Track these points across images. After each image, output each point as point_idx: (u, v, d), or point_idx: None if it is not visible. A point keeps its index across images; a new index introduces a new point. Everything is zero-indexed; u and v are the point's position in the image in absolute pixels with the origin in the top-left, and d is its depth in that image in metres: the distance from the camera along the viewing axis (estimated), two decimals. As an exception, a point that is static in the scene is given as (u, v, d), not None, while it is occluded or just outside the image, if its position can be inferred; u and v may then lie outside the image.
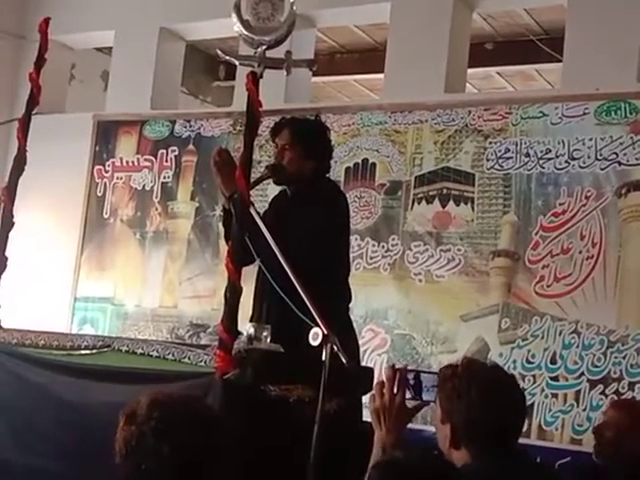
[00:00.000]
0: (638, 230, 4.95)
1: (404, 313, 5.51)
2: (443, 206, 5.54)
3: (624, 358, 4.81)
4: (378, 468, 1.83)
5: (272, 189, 4.26)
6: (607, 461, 3.50)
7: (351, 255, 4.07)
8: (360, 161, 5.88)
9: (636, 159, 4.98)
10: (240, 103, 4.31)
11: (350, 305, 3.77)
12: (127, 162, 6.89)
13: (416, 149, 5.70)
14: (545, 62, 6.99)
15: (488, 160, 5.44)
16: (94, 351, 3.38)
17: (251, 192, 3.20)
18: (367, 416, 2.38)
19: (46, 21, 4.13)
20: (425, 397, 2.26)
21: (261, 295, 3.62)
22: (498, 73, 7.70)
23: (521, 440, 2.22)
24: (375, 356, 5.48)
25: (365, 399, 2.96)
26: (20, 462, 3.31)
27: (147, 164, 6.78)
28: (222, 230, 3.84)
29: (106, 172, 6.95)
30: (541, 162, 5.26)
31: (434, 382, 2.23)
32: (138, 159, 6.83)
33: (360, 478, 2.00)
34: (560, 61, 5.67)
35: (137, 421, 1.95)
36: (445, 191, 5.55)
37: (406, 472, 1.78)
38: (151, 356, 3.19)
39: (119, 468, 1.95)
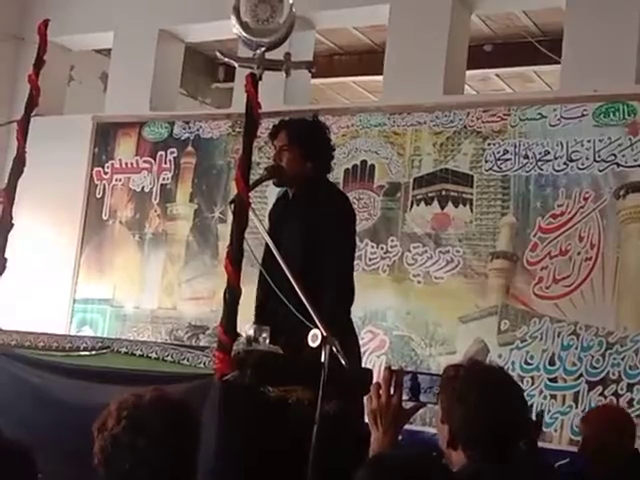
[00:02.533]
0: (636, 231, 4.95)
1: (403, 314, 5.52)
2: (442, 207, 5.54)
3: (622, 359, 4.82)
4: (364, 468, 1.84)
5: (271, 191, 4.26)
6: (603, 469, 3.53)
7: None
8: (359, 163, 5.88)
9: (634, 160, 4.99)
10: (239, 105, 4.32)
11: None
12: (126, 164, 6.89)
13: (415, 151, 5.70)
14: (543, 64, 7.00)
15: (487, 162, 5.44)
16: (93, 352, 3.38)
17: (250, 194, 3.21)
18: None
19: (45, 23, 4.14)
20: (422, 398, 2.25)
21: (263, 297, 3.62)
22: (497, 75, 7.71)
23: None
24: (374, 357, 5.48)
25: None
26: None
27: (146, 166, 6.79)
28: (221, 232, 3.84)
29: (105, 174, 6.95)
30: (539, 164, 5.26)
31: (431, 383, 2.23)
32: (137, 161, 6.84)
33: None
34: (558, 63, 5.67)
35: (109, 426, 1.99)
36: (444, 192, 5.55)
37: (389, 472, 1.80)
38: (150, 358, 3.19)
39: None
